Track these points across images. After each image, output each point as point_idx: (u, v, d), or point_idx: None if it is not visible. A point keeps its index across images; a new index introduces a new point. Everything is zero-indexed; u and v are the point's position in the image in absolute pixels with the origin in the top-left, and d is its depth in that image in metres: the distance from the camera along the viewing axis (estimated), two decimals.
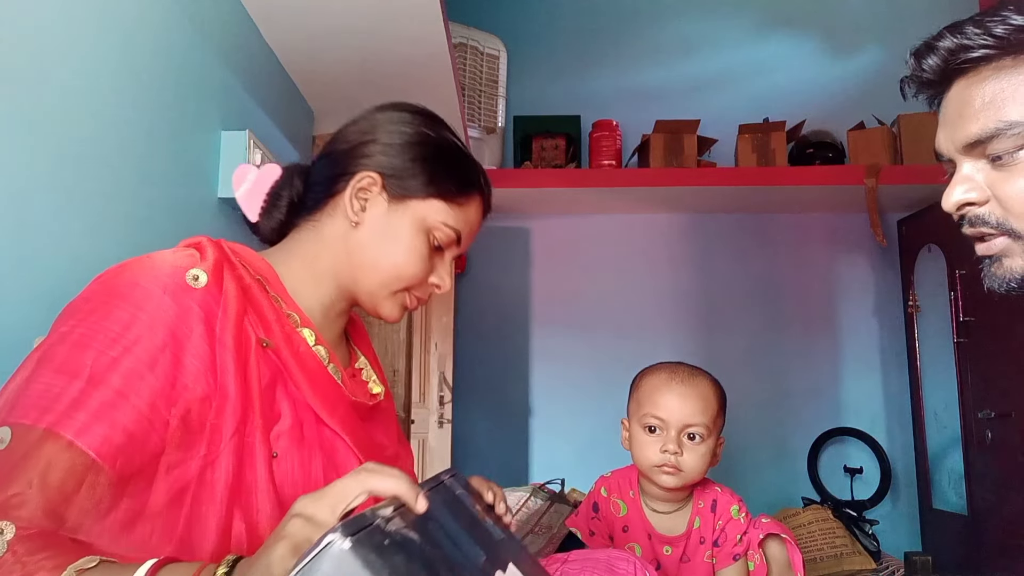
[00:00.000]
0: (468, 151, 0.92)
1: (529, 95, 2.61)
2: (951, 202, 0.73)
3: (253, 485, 0.71)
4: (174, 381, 0.67)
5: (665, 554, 1.24)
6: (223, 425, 0.70)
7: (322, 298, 0.86)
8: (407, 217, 0.85)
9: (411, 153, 0.86)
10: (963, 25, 0.70)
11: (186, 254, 0.74)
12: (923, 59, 0.74)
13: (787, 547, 1.24)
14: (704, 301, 2.57)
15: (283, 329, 0.78)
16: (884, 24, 2.63)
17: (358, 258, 0.85)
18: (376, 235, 0.85)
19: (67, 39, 0.88)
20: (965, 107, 0.71)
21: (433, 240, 0.86)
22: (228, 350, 0.71)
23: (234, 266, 0.77)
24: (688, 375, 1.24)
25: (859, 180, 2.26)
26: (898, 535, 2.42)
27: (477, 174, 0.90)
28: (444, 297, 2.35)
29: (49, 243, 0.86)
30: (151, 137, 1.09)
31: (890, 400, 2.51)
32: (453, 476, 0.73)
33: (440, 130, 0.89)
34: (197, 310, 0.70)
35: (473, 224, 0.91)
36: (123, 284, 0.69)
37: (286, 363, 0.77)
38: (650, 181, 2.33)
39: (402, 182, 0.85)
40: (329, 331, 0.88)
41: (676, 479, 1.19)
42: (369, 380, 0.94)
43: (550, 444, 2.54)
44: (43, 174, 0.85)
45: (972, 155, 0.72)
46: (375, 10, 1.37)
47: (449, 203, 0.86)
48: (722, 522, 1.24)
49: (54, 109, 0.87)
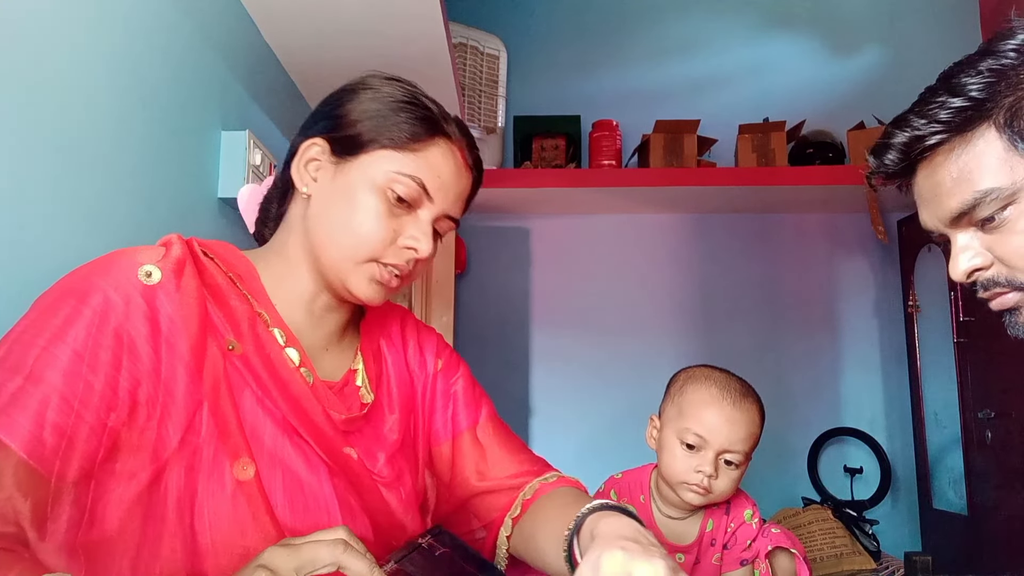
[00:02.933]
0: (423, 97, 0.82)
1: (529, 95, 2.61)
2: (960, 271, 0.77)
3: (207, 500, 0.66)
4: (115, 384, 0.64)
5: (678, 562, 1.22)
6: (167, 434, 0.65)
7: (302, 292, 0.81)
8: (355, 174, 0.78)
9: (351, 107, 0.80)
10: (908, 118, 0.75)
11: (149, 250, 0.71)
12: (882, 156, 0.78)
13: (796, 561, 1.21)
14: (704, 301, 2.57)
15: (252, 329, 0.74)
16: (884, 24, 2.63)
17: (315, 232, 0.79)
18: (327, 201, 0.79)
19: (66, 39, 0.88)
20: (937, 187, 0.75)
21: (392, 195, 0.77)
22: (178, 353, 0.67)
23: (201, 265, 0.74)
24: (740, 396, 1.16)
25: (859, 180, 2.26)
26: (898, 535, 2.42)
27: (436, 118, 0.80)
28: (444, 297, 2.34)
29: (48, 243, 0.86)
30: (151, 137, 1.08)
31: (890, 400, 2.51)
32: (435, 536, 0.70)
33: (385, 82, 0.82)
34: (144, 307, 0.67)
35: (443, 172, 0.80)
36: (76, 279, 0.67)
37: (253, 366, 0.72)
38: (650, 181, 2.33)
39: (347, 140, 0.79)
40: (314, 332, 0.82)
41: (703, 499, 1.15)
42: (362, 386, 0.86)
43: (550, 444, 2.54)
44: (42, 174, 0.85)
45: (961, 226, 0.76)
46: (375, 10, 1.37)
47: (401, 150, 0.77)
48: (734, 525, 1.21)
49: (53, 109, 0.86)
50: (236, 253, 0.80)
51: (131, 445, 0.64)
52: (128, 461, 0.64)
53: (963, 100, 0.70)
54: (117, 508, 0.62)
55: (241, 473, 0.68)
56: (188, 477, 0.66)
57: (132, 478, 0.64)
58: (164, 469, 0.65)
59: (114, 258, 0.69)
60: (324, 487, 0.74)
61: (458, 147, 0.82)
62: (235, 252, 0.80)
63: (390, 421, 0.86)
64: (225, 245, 0.80)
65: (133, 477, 0.64)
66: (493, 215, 2.62)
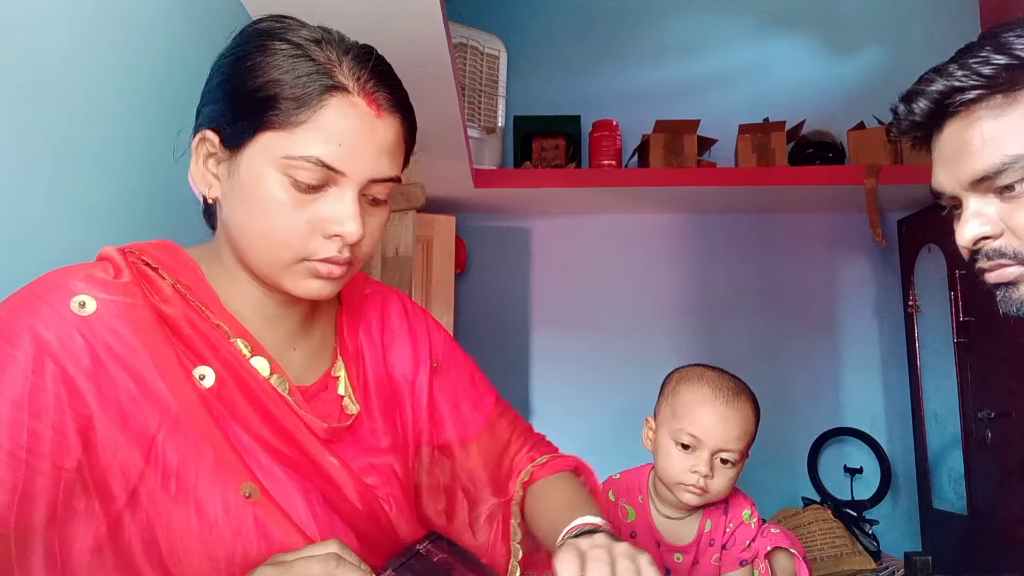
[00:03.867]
0: (301, 43, 0.68)
1: (529, 95, 2.60)
2: (967, 237, 0.74)
3: (178, 539, 0.62)
4: (63, 428, 0.59)
5: (676, 562, 1.21)
6: (127, 469, 0.61)
7: (250, 297, 0.73)
8: (245, 169, 0.66)
9: (229, 83, 0.68)
10: (947, 68, 0.72)
11: (81, 273, 0.64)
12: (913, 103, 0.75)
13: (795, 561, 1.21)
14: (704, 301, 2.57)
15: (212, 348, 0.67)
16: (884, 24, 2.63)
17: (234, 239, 0.70)
18: (232, 205, 0.68)
19: (65, 39, 0.88)
20: (964, 146, 0.72)
21: (295, 183, 0.65)
22: (126, 387, 0.62)
23: (146, 282, 0.67)
24: (733, 394, 1.15)
25: (859, 180, 2.26)
26: (898, 535, 2.42)
27: (318, 70, 0.66)
28: (444, 297, 2.34)
29: (47, 243, 0.86)
30: (149, 136, 1.08)
31: (890, 400, 2.50)
32: (433, 542, 0.68)
33: (256, 37, 0.69)
34: (81, 343, 0.61)
35: (348, 135, 0.65)
36: (3, 318, 0.61)
37: (226, 389, 0.67)
38: (650, 181, 2.33)
39: (231, 128, 0.67)
40: (275, 333, 0.74)
41: (700, 499, 1.15)
42: (346, 395, 0.78)
43: None
44: (41, 174, 0.85)
45: (979, 190, 0.73)
46: (375, 10, 1.37)
47: (286, 128, 0.64)
48: (733, 525, 1.21)
49: (52, 109, 0.86)
50: (179, 256, 0.72)
51: (91, 485, 0.61)
52: (91, 501, 0.60)
53: (1009, 58, 0.68)
54: (86, 551, 0.60)
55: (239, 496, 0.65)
56: (153, 511, 0.62)
57: (95, 518, 0.60)
58: (122, 513, 0.61)
59: (42, 289, 0.63)
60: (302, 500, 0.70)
61: (361, 94, 0.67)
62: (178, 255, 0.72)
63: (374, 427, 0.80)
64: (167, 247, 0.72)
65: (96, 517, 0.60)
66: (493, 215, 2.62)
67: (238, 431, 0.67)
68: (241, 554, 0.64)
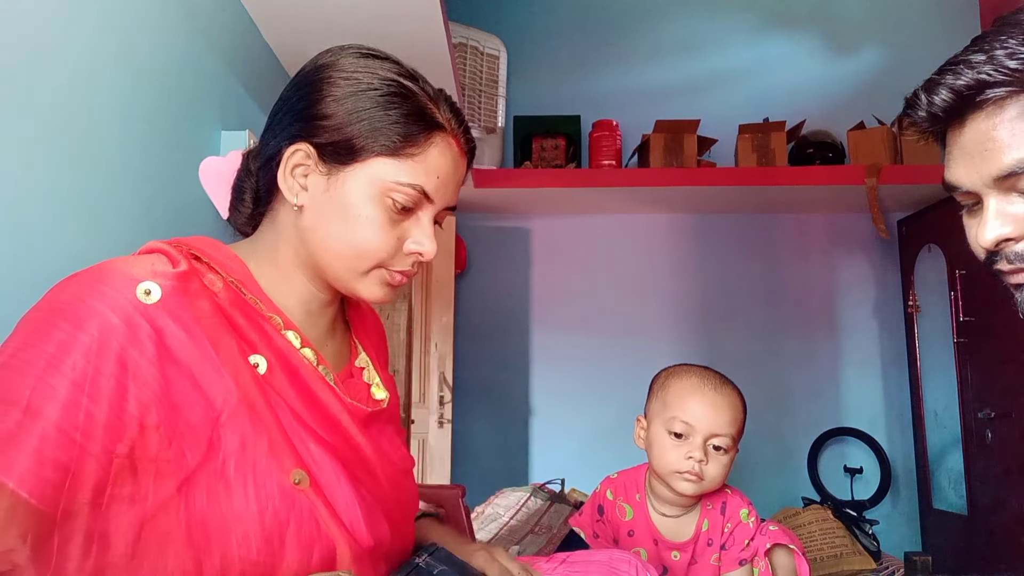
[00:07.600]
0: (415, 86, 0.76)
1: (529, 95, 2.61)
2: (989, 238, 0.70)
3: (231, 520, 0.64)
4: (121, 412, 0.60)
5: (673, 559, 1.22)
6: (184, 457, 0.63)
7: (299, 294, 0.78)
8: (350, 185, 0.73)
9: (331, 105, 0.73)
10: (972, 59, 0.67)
11: (143, 263, 0.67)
12: (935, 94, 0.70)
13: (795, 557, 1.22)
14: (704, 301, 2.57)
15: (266, 338, 0.71)
16: (884, 24, 2.63)
17: (313, 244, 0.75)
18: (323, 215, 0.74)
19: (65, 39, 0.88)
20: (990, 141, 0.68)
21: (392, 204, 0.73)
22: (188, 374, 0.64)
23: (203, 276, 0.70)
24: (720, 383, 1.20)
25: (859, 180, 2.26)
26: (898, 535, 2.42)
27: (431, 112, 0.75)
28: (444, 297, 2.35)
29: (48, 244, 0.86)
30: (151, 137, 1.08)
31: (890, 400, 2.51)
32: (432, 554, 0.69)
33: (371, 71, 0.75)
34: (148, 329, 0.63)
35: (443, 170, 0.75)
36: (67, 301, 0.62)
37: (280, 378, 0.70)
38: (650, 181, 2.33)
39: (336, 146, 0.73)
40: (314, 327, 0.80)
41: (696, 487, 1.17)
42: (372, 383, 0.85)
43: (550, 444, 2.54)
44: (41, 174, 0.85)
45: (1003, 188, 0.69)
46: (375, 10, 1.37)
47: (397, 157, 0.73)
48: (731, 525, 1.22)
49: (52, 109, 0.86)
50: (226, 252, 0.75)
51: (144, 471, 0.62)
52: (141, 486, 0.62)
53: None
54: (128, 533, 0.61)
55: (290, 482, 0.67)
56: (210, 494, 0.64)
57: (141, 502, 0.62)
58: (173, 497, 0.63)
59: (106, 275, 0.64)
60: (347, 485, 0.73)
61: (453, 136, 0.77)
62: (225, 251, 0.75)
63: (394, 413, 0.87)
64: (210, 243, 0.75)
65: (141, 501, 0.62)
66: (493, 215, 2.62)
67: (288, 417, 0.70)
68: (294, 535, 0.67)
